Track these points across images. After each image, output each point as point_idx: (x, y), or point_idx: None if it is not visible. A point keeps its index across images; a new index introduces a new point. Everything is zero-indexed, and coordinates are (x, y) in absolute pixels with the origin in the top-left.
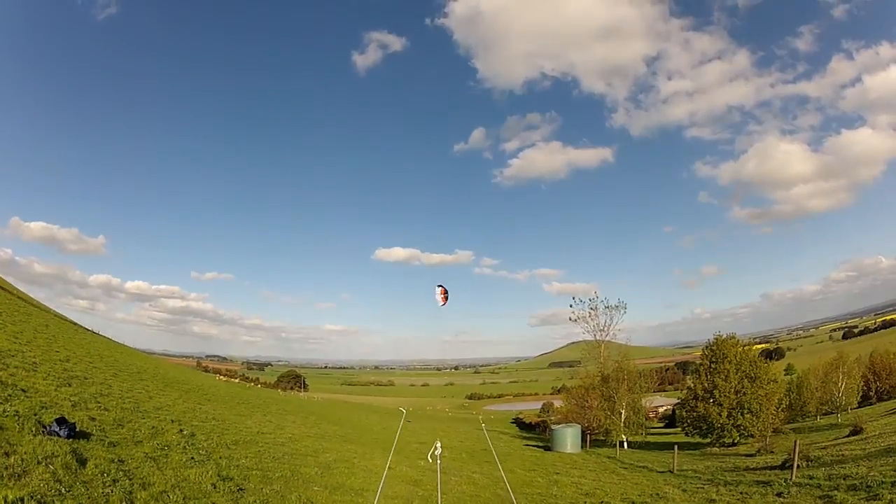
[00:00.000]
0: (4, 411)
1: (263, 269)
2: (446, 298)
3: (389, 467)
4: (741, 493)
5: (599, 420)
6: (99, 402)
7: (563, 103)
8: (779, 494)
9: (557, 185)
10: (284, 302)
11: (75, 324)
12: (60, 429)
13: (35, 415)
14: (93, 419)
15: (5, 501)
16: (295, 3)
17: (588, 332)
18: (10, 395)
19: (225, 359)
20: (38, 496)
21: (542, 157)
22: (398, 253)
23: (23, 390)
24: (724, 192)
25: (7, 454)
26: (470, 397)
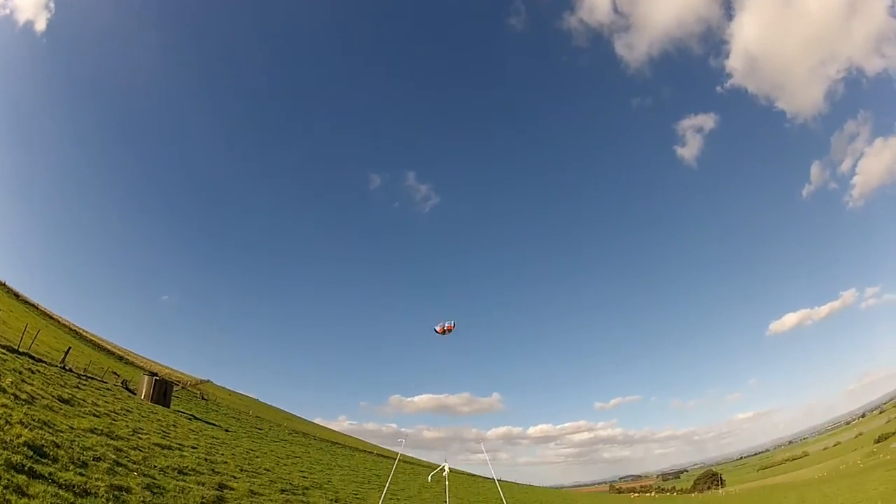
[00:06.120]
0: None
1: (669, 379)
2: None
3: None
4: None
5: None
6: None
7: (862, 97)
8: None
9: None
10: (693, 406)
11: (472, 475)
12: None
13: None
14: None
15: None
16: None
17: None
18: None
19: (639, 476)
20: None
21: (874, 163)
22: (789, 319)
23: None
24: None
25: None
26: (877, 441)
